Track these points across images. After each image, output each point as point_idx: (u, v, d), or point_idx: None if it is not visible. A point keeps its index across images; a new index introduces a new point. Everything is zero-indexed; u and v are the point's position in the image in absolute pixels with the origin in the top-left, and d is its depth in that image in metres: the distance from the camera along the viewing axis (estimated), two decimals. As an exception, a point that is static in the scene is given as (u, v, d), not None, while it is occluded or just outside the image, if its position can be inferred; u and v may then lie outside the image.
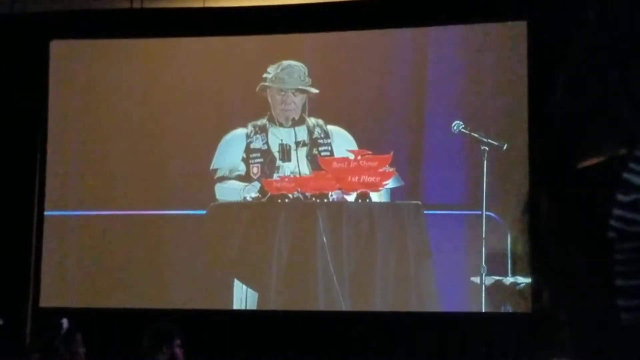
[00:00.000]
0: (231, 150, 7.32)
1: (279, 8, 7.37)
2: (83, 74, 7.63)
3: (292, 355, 6.95)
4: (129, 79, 7.58)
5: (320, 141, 7.24)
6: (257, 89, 7.31)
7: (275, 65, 7.33)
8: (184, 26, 7.50)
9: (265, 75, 7.31)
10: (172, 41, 7.59)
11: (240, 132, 7.35)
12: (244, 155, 7.31)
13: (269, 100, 7.33)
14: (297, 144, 7.26)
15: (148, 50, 7.64)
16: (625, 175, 0.77)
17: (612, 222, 0.78)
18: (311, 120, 7.28)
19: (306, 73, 7.30)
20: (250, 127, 7.33)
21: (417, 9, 7.23)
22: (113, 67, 7.60)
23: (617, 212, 0.78)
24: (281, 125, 7.31)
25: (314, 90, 7.26)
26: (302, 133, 7.27)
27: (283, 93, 7.32)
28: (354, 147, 7.19)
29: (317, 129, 7.25)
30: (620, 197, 0.77)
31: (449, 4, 7.19)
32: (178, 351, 5.22)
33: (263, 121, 7.32)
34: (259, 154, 7.30)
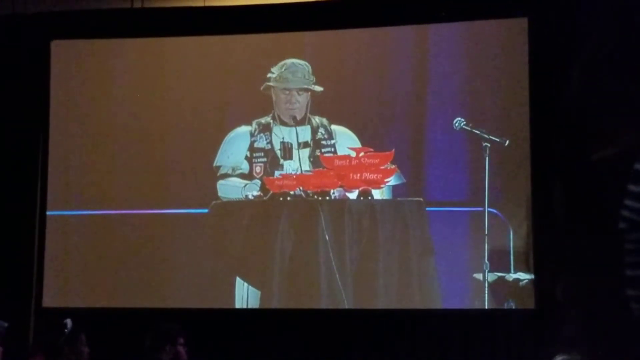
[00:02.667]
0: (235, 148, 7.33)
1: (280, 6, 7.37)
2: (84, 74, 7.62)
3: (294, 353, 6.95)
4: (130, 78, 7.58)
5: (324, 142, 7.24)
6: (262, 88, 7.31)
7: (279, 65, 7.33)
8: (184, 25, 7.49)
9: (269, 75, 7.32)
10: (172, 40, 7.57)
11: (244, 129, 7.35)
12: (248, 154, 7.32)
13: (273, 99, 7.33)
14: (300, 144, 7.26)
15: (149, 49, 7.62)
16: (637, 165, 0.77)
17: (623, 213, 0.79)
18: (315, 120, 7.28)
19: (310, 71, 7.31)
20: (254, 125, 7.34)
21: (418, 6, 7.22)
22: (114, 66, 7.60)
23: (628, 202, 0.78)
24: (285, 124, 7.31)
25: (318, 89, 7.26)
26: (305, 133, 7.27)
27: (287, 92, 7.32)
28: (358, 146, 7.20)
29: (321, 129, 7.25)
30: (632, 187, 0.78)
31: (450, 1, 7.18)
32: (181, 350, 5.22)
33: (267, 119, 7.32)
34: (262, 154, 7.30)
